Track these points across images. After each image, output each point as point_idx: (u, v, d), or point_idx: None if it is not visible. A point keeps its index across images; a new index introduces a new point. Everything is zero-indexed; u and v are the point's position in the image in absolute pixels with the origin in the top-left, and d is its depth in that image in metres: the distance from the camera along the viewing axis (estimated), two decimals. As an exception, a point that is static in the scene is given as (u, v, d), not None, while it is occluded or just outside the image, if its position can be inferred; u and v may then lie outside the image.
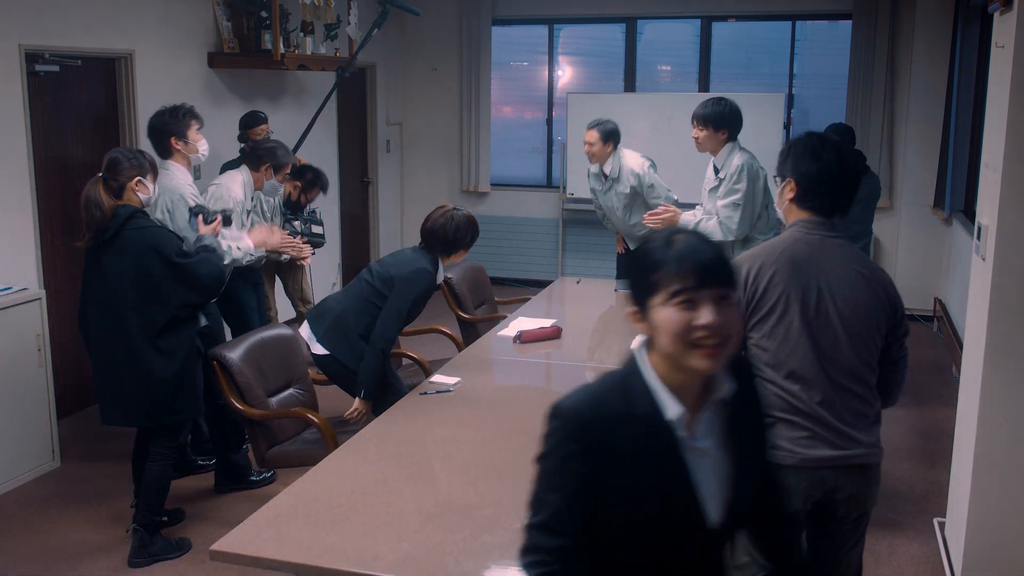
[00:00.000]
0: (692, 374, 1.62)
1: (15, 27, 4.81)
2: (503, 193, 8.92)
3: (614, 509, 1.63)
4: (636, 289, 1.66)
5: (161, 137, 4.25)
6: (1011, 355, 3.23)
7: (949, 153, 7.15)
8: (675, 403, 1.62)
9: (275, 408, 3.81)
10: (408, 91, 9.00)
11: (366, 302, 3.89)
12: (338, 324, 3.91)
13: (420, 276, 3.87)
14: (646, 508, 1.63)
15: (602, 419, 1.64)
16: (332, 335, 3.90)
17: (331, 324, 3.92)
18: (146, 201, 3.73)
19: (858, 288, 2.46)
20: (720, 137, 4.46)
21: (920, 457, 4.83)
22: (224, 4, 6.29)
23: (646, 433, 1.62)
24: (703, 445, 1.66)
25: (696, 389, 1.66)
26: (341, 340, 3.89)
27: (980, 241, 3.40)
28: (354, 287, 4.00)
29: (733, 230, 4.41)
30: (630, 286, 1.68)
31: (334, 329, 3.91)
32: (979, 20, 6.63)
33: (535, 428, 3.39)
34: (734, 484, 1.70)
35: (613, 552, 1.67)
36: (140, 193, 3.69)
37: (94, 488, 4.46)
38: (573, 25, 8.72)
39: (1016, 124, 3.11)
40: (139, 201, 3.69)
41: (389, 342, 3.84)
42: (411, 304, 3.86)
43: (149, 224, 3.69)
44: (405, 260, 3.94)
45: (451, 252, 3.98)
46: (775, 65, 8.29)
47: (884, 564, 3.78)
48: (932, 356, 6.65)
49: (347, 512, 2.62)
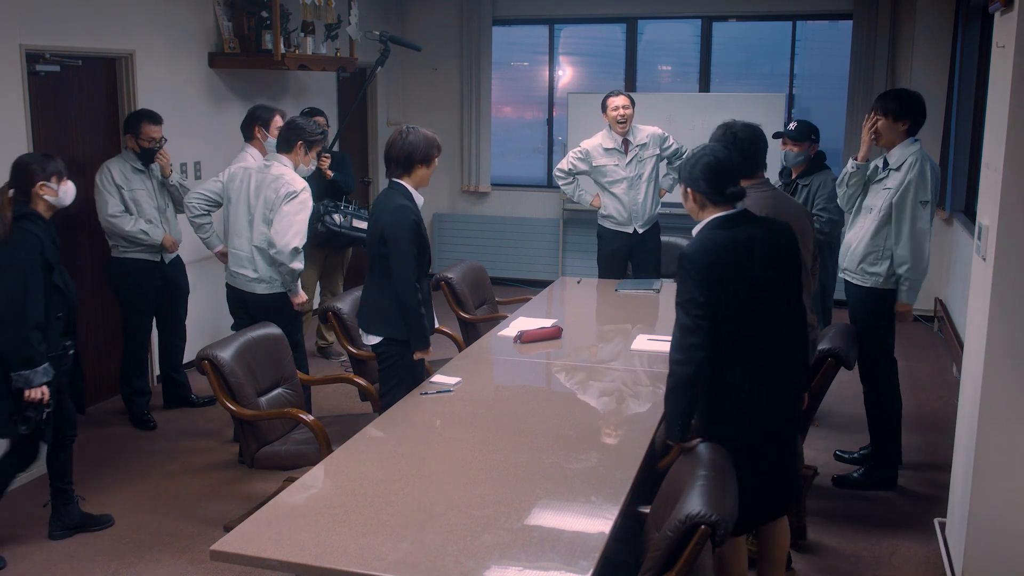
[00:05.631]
0: None
1: (15, 27, 4.81)
2: (503, 193, 8.92)
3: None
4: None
5: (292, 137, 4.51)
6: (1011, 355, 3.23)
7: (950, 153, 7.15)
8: None
9: (265, 408, 3.81)
10: (408, 91, 9.01)
11: (383, 274, 3.81)
12: (375, 309, 3.86)
13: (400, 214, 3.70)
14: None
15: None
16: (376, 320, 3.85)
17: (370, 312, 3.89)
18: (55, 202, 3.75)
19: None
20: (900, 128, 4.22)
21: (920, 457, 4.83)
22: (225, 4, 6.29)
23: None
24: None
25: None
26: (385, 320, 3.81)
27: (981, 241, 3.40)
28: (370, 267, 3.94)
29: (925, 231, 4.19)
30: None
31: (376, 314, 3.85)
32: (979, 20, 6.63)
33: (535, 428, 3.41)
34: None
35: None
36: (47, 196, 3.71)
37: (93, 488, 4.45)
38: (573, 25, 8.72)
39: (1017, 124, 3.11)
40: (46, 204, 3.72)
41: (414, 292, 3.73)
42: (411, 245, 3.72)
43: (31, 228, 3.61)
44: (381, 209, 3.79)
45: (410, 171, 3.78)
46: (775, 65, 8.28)
47: (884, 564, 3.78)
48: (932, 356, 6.65)
49: (347, 512, 2.62)
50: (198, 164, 6.15)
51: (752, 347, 2.86)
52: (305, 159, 4.54)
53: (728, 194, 2.88)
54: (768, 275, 2.86)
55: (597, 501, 2.73)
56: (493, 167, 8.91)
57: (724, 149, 2.95)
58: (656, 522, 2.60)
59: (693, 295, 2.79)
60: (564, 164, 5.95)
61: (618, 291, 5.35)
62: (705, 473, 2.43)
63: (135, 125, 5.04)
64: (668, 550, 2.25)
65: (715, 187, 2.87)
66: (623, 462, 2.98)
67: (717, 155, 2.90)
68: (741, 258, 2.83)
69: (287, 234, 4.37)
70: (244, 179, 4.56)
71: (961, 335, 5.97)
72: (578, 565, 2.35)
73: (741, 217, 2.90)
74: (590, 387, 3.74)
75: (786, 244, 2.94)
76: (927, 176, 4.15)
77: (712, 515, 2.20)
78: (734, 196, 2.89)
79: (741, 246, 2.84)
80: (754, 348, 2.86)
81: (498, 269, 8.59)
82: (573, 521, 2.65)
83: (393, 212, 3.73)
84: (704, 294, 2.78)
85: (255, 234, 4.50)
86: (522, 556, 2.39)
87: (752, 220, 2.93)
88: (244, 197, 4.53)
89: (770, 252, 2.88)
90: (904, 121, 4.21)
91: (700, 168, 2.89)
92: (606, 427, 3.24)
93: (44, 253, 3.61)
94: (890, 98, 4.26)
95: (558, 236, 8.69)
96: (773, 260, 2.88)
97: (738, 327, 2.83)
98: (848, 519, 4.16)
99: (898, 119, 4.20)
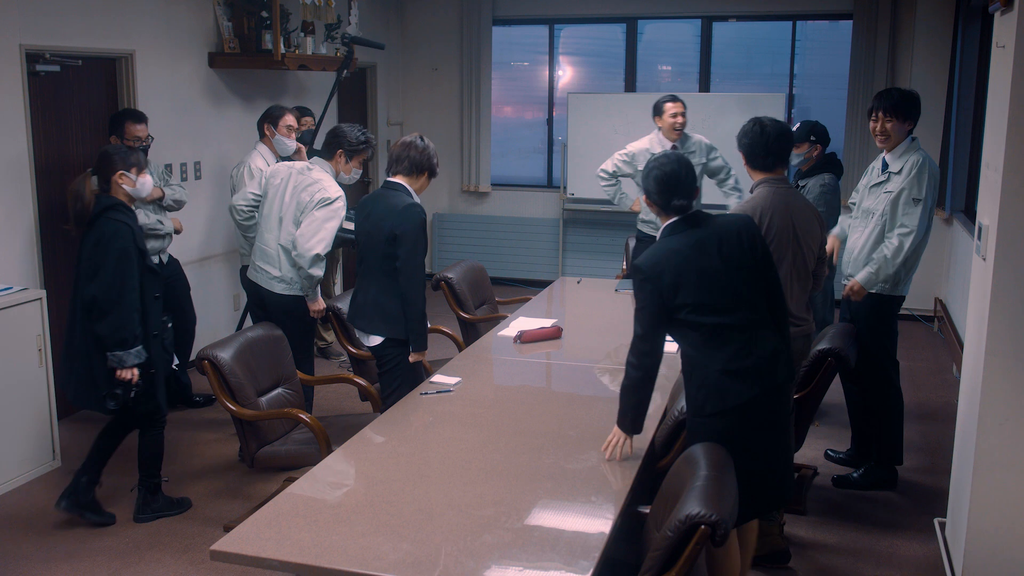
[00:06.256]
0: None
1: (15, 27, 4.81)
2: (504, 193, 8.92)
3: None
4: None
5: (336, 145, 4.44)
6: (1011, 355, 3.23)
7: (950, 153, 7.15)
8: None
9: (265, 408, 3.81)
10: (408, 91, 9.01)
11: (387, 273, 3.84)
12: (377, 309, 3.88)
13: (413, 213, 3.80)
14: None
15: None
16: (378, 320, 3.89)
17: (371, 313, 3.90)
18: (133, 193, 3.93)
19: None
20: (907, 128, 4.24)
21: (920, 457, 4.83)
22: (225, 4, 6.29)
23: None
24: None
25: None
26: (387, 321, 3.86)
27: (981, 241, 3.40)
28: (368, 267, 3.95)
29: (914, 228, 4.15)
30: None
31: (377, 315, 3.88)
32: (979, 20, 6.63)
33: (535, 428, 3.41)
34: None
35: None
36: (125, 186, 3.90)
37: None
38: (573, 25, 8.72)
39: (1017, 124, 3.11)
40: (124, 193, 3.90)
41: (423, 293, 3.83)
42: (423, 246, 3.84)
43: (121, 219, 3.83)
44: (387, 208, 3.83)
45: (419, 176, 3.91)
46: (775, 65, 8.28)
47: (884, 564, 3.78)
48: (932, 356, 6.65)
49: (347, 512, 2.62)
50: (198, 164, 6.15)
51: (726, 343, 2.90)
52: (346, 167, 4.45)
53: (672, 206, 2.97)
54: (728, 271, 2.91)
55: (597, 501, 2.73)
56: (493, 167, 8.91)
57: (677, 162, 3.01)
58: (656, 522, 2.60)
59: (644, 304, 2.91)
60: (608, 165, 5.90)
61: (618, 291, 5.36)
62: (705, 473, 2.43)
63: (119, 125, 5.01)
64: (668, 550, 2.25)
65: (663, 198, 2.98)
66: (623, 462, 2.99)
67: (665, 169, 2.99)
68: (696, 260, 2.89)
69: (312, 239, 4.31)
70: (285, 177, 4.50)
71: (961, 335, 5.97)
72: (578, 565, 2.35)
73: (693, 220, 2.97)
74: (590, 387, 3.75)
75: (744, 238, 2.97)
76: (924, 176, 4.14)
77: (712, 515, 2.21)
78: (677, 209, 2.97)
79: (694, 249, 2.91)
80: (728, 344, 2.89)
81: (498, 269, 8.59)
82: (573, 521, 2.65)
83: (405, 211, 3.78)
84: (655, 303, 2.87)
85: (283, 233, 4.44)
86: (522, 556, 2.39)
87: (705, 221, 2.98)
88: (280, 195, 4.47)
89: (726, 249, 2.92)
90: (911, 121, 4.23)
91: (652, 179, 3.00)
92: (606, 427, 3.23)
93: (136, 240, 3.82)
94: (896, 99, 4.21)
95: (558, 236, 8.69)
96: (731, 256, 2.92)
97: (709, 325, 2.88)
98: (848, 519, 4.16)
99: (906, 120, 4.22)
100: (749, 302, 2.92)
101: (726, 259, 2.90)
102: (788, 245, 3.56)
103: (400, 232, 3.76)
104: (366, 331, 3.95)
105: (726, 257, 2.90)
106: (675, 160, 3.01)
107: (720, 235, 2.94)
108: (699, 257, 2.89)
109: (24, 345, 4.48)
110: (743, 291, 2.91)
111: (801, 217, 3.59)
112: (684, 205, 2.97)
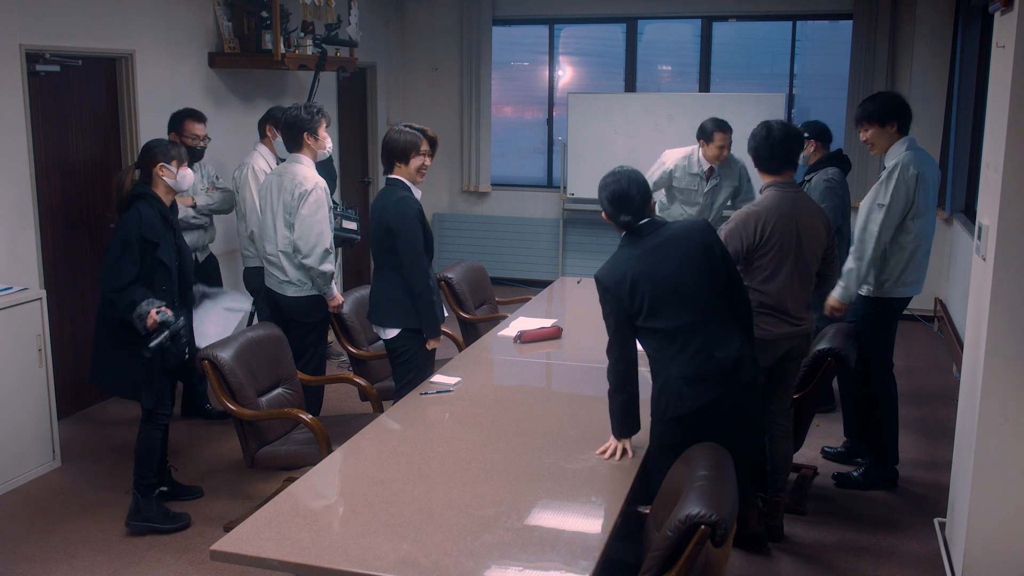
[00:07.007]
0: None
1: (15, 27, 4.80)
2: (504, 193, 8.92)
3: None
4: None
5: (294, 132, 4.41)
6: (1011, 355, 3.23)
7: (950, 153, 7.15)
8: None
9: (265, 408, 3.81)
10: (408, 91, 9.00)
11: (393, 267, 3.94)
12: (388, 302, 3.97)
13: (404, 205, 3.88)
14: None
15: None
16: (390, 313, 3.97)
17: (383, 306, 3.99)
18: (173, 185, 3.98)
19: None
20: (890, 131, 4.22)
21: (920, 457, 4.83)
22: (225, 4, 6.29)
23: None
24: None
25: None
26: (399, 312, 3.95)
27: (980, 241, 3.40)
28: (377, 264, 4.05)
29: (874, 233, 4.12)
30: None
31: (389, 307, 3.97)
32: (979, 20, 6.63)
33: (535, 428, 3.41)
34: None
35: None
36: (165, 178, 3.95)
37: (94, 488, 4.46)
38: (573, 25, 8.72)
39: (1017, 124, 3.11)
40: (165, 186, 3.97)
41: (426, 279, 3.90)
42: (418, 233, 3.89)
43: (139, 207, 3.87)
44: (383, 204, 3.94)
45: (392, 167, 3.97)
46: (775, 65, 8.28)
47: (884, 564, 3.78)
48: (932, 356, 6.65)
49: (347, 512, 2.62)
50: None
51: (686, 346, 2.97)
52: (318, 144, 4.43)
53: (620, 221, 3.07)
54: (683, 276, 2.98)
55: (597, 501, 2.73)
56: (493, 167, 8.91)
57: (628, 180, 3.07)
58: (656, 522, 2.60)
59: (608, 312, 3.05)
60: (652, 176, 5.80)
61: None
62: (705, 473, 2.43)
63: (179, 123, 5.09)
64: (668, 550, 2.25)
65: (613, 213, 3.09)
66: (623, 462, 2.99)
67: (612, 188, 3.08)
68: (652, 267, 2.98)
69: (310, 238, 4.31)
70: (269, 185, 4.51)
71: (961, 335, 5.97)
72: (578, 565, 2.35)
73: (649, 228, 3.05)
74: (590, 387, 3.75)
75: (698, 241, 3.03)
76: (893, 182, 4.12)
77: (712, 515, 2.21)
78: (624, 224, 3.07)
79: (650, 256, 3.00)
80: (688, 347, 2.97)
81: (498, 269, 8.59)
82: (573, 521, 2.66)
83: (396, 204, 3.89)
84: (617, 310, 2.99)
85: (279, 238, 4.45)
86: (522, 556, 2.39)
87: (660, 229, 3.06)
88: (270, 202, 4.48)
89: (679, 254, 3.00)
90: (891, 123, 4.22)
91: (605, 195, 3.10)
92: (606, 427, 3.23)
93: (142, 230, 3.83)
94: (870, 105, 4.26)
95: (558, 236, 8.69)
96: (685, 261, 2.99)
97: (668, 329, 2.97)
98: (848, 519, 4.16)
99: (885, 123, 4.22)
100: (708, 303, 3.00)
101: (682, 263, 2.99)
102: (791, 248, 3.58)
103: (395, 225, 3.86)
104: (382, 325, 4.02)
105: (679, 263, 2.99)
106: (627, 177, 3.09)
107: (675, 241, 3.03)
108: (655, 264, 2.99)
109: (24, 345, 4.48)
110: (701, 293, 2.99)
111: (806, 220, 3.62)
112: (629, 222, 3.06)
